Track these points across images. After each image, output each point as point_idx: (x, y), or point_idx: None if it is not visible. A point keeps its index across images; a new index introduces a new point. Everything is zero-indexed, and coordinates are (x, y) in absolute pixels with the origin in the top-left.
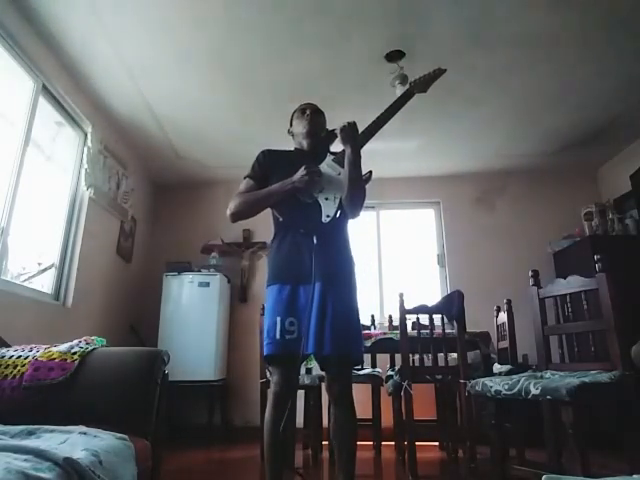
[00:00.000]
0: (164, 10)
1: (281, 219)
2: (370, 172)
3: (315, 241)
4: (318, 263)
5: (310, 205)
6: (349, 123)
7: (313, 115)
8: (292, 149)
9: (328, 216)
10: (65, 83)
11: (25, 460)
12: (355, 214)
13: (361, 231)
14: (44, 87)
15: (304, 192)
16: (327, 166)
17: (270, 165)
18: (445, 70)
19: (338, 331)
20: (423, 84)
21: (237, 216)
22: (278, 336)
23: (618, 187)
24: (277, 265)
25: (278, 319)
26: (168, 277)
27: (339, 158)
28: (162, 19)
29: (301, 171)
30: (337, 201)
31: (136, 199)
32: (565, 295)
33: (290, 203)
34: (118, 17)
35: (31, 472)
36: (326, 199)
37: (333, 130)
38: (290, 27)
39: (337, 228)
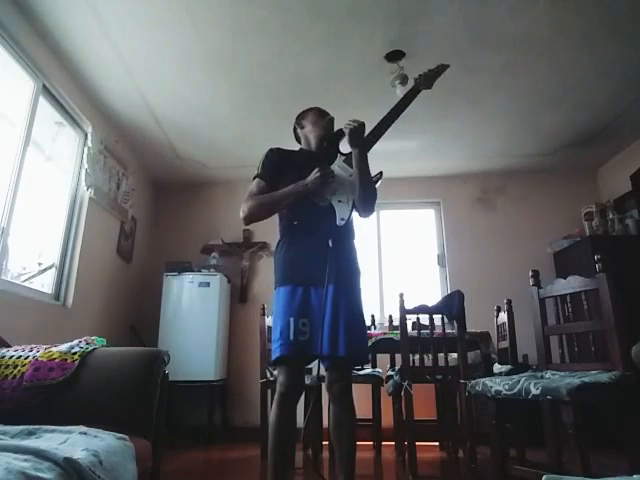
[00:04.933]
0: (164, 10)
1: (296, 222)
2: (381, 173)
3: (330, 244)
4: (332, 266)
5: (324, 208)
6: (358, 125)
7: (332, 122)
8: (297, 149)
9: (343, 219)
10: (65, 83)
11: (25, 460)
12: (367, 215)
13: (361, 231)
14: (44, 87)
15: (318, 194)
16: (338, 167)
17: (280, 164)
18: (448, 66)
19: (351, 333)
20: (427, 80)
21: (252, 219)
22: (292, 337)
23: (618, 187)
24: (288, 267)
25: (291, 320)
26: (168, 277)
27: (349, 159)
28: (162, 19)
29: (315, 173)
30: (350, 203)
31: (136, 199)
32: (565, 295)
33: (305, 206)
34: (118, 17)
35: (31, 472)
36: (339, 202)
37: (341, 130)
38: (290, 27)
39: (349, 231)
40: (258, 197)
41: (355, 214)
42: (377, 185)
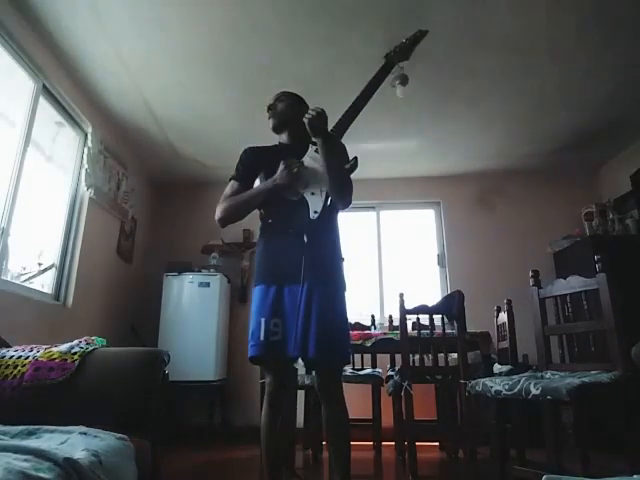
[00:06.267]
0: (164, 10)
1: (270, 220)
2: (355, 158)
3: (306, 240)
4: (307, 264)
5: (297, 202)
6: (316, 113)
7: (271, 109)
8: (277, 143)
9: (316, 212)
10: (65, 83)
11: (25, 460)
12: (344, 205)
13: (361, 231)
14: (44, 87)
15: (288, 189)
16: (310, 158)
17: (255, 163)
18: (427, 31)
19: (322, 334)
20: (404, 52)
21: (225, 221)
22: (262, 337)
23: (618, 187)
24: (263, 266)
25: (262, 320)
26: (168, 277)
27: None
28: (162, 19)
29: (280, 167)
30: (324, 195)
31: (136, 199)
32: (565, 295)
33: (276, 203)
34: (118, 17)
35: (31, 472)
36: (312, 194)
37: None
38: (290, 27)
39: (327, 224)
40: (231, 198)
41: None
42: (352, 173)
